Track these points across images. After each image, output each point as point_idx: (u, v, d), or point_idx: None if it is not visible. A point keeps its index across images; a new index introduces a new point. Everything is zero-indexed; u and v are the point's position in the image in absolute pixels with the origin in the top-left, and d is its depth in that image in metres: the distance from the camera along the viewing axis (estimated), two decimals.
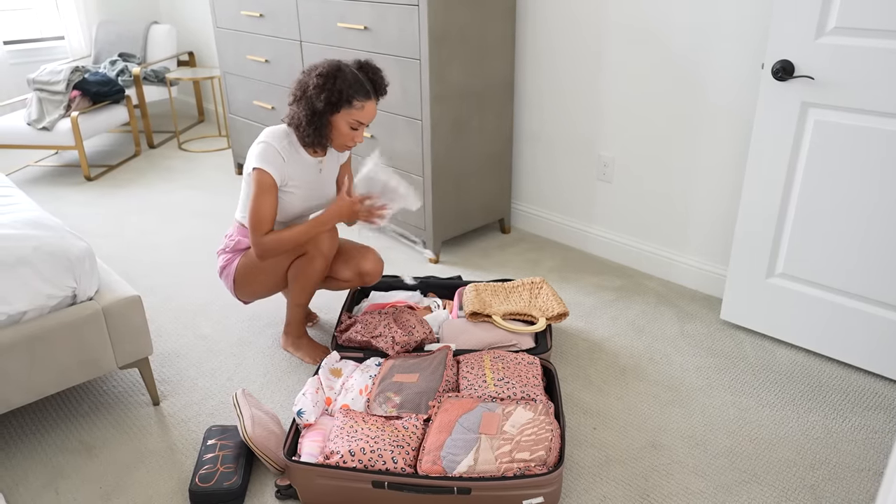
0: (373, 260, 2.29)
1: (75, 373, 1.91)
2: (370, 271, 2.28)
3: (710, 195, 2.62)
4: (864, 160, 2.02)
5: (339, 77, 1.99)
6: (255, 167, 2.06)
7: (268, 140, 2.09)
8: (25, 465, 1.90)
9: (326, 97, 2.00)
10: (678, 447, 1.93)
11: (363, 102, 2.04)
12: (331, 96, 1.99)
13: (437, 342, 2.26)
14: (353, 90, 2.01)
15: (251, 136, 3.95)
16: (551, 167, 3.15)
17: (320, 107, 2.02)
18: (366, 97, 2.04)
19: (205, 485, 1.72)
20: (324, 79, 1.99)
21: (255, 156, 2.07)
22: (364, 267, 2.27)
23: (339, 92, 1.99)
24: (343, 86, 1.99)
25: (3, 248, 1.76)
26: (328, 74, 2.00)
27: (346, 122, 2.06)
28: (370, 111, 2.07)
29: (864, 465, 1.85)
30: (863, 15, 1.91)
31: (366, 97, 2.04)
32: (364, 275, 2.28)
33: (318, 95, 2.00)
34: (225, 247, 2.28)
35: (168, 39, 4.96)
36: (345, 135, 2.08)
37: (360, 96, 2.03)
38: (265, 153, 2.07)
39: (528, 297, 2.39)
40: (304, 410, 1.85)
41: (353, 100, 2.02)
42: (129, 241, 3.31)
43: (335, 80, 1.99)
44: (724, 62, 2.43)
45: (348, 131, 2.08)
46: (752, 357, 2.33)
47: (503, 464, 1.65)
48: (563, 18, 2.86)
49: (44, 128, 4.01)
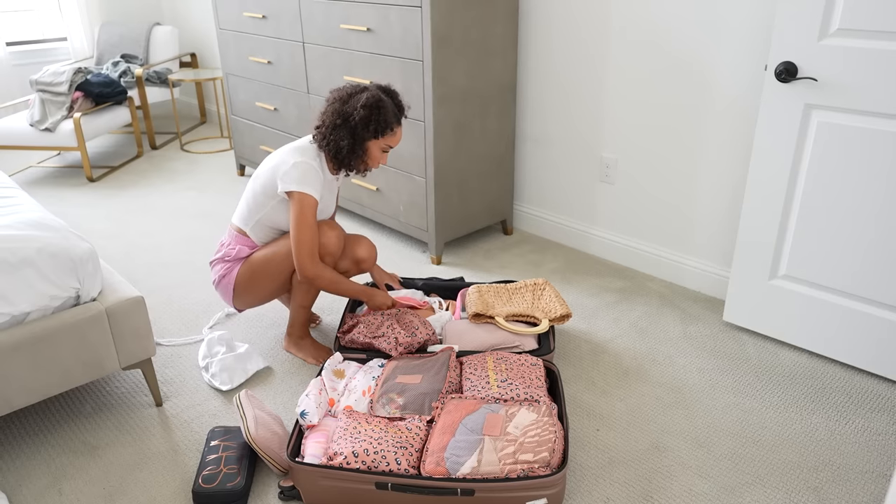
0: (366, 246, 2.34)
1: (78, 373, 1.91)
2: (365, 257, 2.34)
3: (713, 197, 2.62)
4: (868, 162, 2.02)
5: (382, 108, 2.09)
6: (297, 190, 2.07)
7: (305, 159, 2.11)
8: (29, 465, 1.90)
9: (374, 128, 2.09)
10: (681, 449, 1.92)
11: (397, 128, 2.15)
12: (377, 127, 2.09)
13: (440, 343, 2.26)
14: (393, 118, 2.11)
15: (253, 138, 3.95)
16: (554, 169, 3.15)
17: (367, 136, 2.10)
18: (398, 123, 2.15)
19: (208, 486, 1.72)
20: (369, 110, 2.07)
21: (295, 178, 2.07)
22: (359, 254, 2.32)
23: (384, 122, 2.10)
24: (387, 116, 2.10)
25: (6, 248, 1.76)
26: (373, 106, 2.08)
27: (380, 147, 2.16)
28: (399, 135, 2.19)
29: (867, 468, 1.84)
30: (866, 16, 1.91)
31: (398, 123, 2.15)
32: (360, 262, 2.34)
33: (364, 126, 2.08)
34: (224, 256, 2.26)
35: (170, 41, 4.96)
36: (376, 158, 2.18)
37: (396, 123, 2.14)
38: (308, 175, 2.09)
39: (531, 298, 2.39)
40: (307, 411, 1.85)
41: (394, 126, 2.13)
42: (132, 242, 3.31)
43: (380, 112, 2.08)
44: (727, 64, 2.43)
45: (379, 154, 2.18)
46: (756, 359, 2.33)
47: (507, 465, 1.65)
48: (565, 20, 2.87)
49: (46, 129, 4.01)
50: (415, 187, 2.97)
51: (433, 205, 2.92)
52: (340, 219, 3.56)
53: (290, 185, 2.07)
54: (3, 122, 4.10)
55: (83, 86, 4.14)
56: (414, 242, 3.26)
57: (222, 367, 2.22)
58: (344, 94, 2.13)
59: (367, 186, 3.19)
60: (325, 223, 2.18)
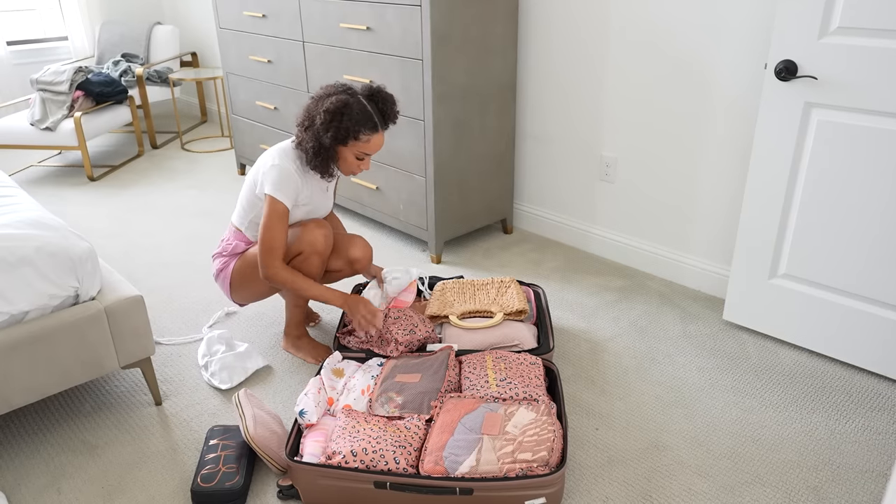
0: (361, 246, 2.31)
1: (77, 372, 1.91)
2: (360, 257, 2.30)
3: (713, 195, 2.62)
4: (868, 160, 2.02)
5: (345, 114, 1.99)
6: (271, 195, 2.06)
7: (283, 163, 2.08)
8: (28, 464, 1.90)
9: (333, 134, 2.01)
10: (681, 448, 1.92)
11: (370, 136, 2.05)
12: (337, 133, 2.01)
13: (439, 342, 2.26)
14: (359, 125, 2.01)
15: (254, 137, 3.95)
16: (554, 167, 3.15)
17: (327, 142, 2.03)
18: (372, 130, 2.04)
19: (207, 485, 1.72)
20: (331, 115, 1.99)
21: (270, 181, 2.07)
22: (353, 254, 2.29)
23: (345, 129, 2.01)
24: (349, 123, 2.00)
25: (5, 247, 1.76)
26: (335, 111, 1.99)
27: (353, 154, 2.08)
28: (376, 143, 2.08)
29: (867, 467, 1.84)
30: (866, 15, 1.90)
31: (372, 130, 2.04)
32: (354, 262, 2.31)
33: (324, 131, 2.01)
34: (222, 250, 2.27)
35: (171, 40, 4.96)
36: (351, 164, 2.10)
37: (367, 130, 2.03)
38: (281, 179, 2.06)
39: (494, 294, 2.40)
40: (306, 410, 1.85)
41: (360, 134, 2.03)
42: (132, 241, 3.31)
43: (342, 118, 1.99)
44: (726, 62, 2.43)
45: (354, 161, 2.10)
46: (755, 358, 2.32)
47: (505, 464, 1.64)
48: (565, 18, 2.86)
49: (47, 128, 4.02)
50: (414, 186, 2.97)
51: (433, 204, 2.92)
52: (340, 218, 3.55)
53: (265, 188, 2.08)
54: (4, 122, 4.11)
55: (84, 85, 4.14)
56: (414, 241, 3.25)
57: (222, 365, 2.22)
58: (321, 93, 2.07)
59: (367, 185, 3.19)
60: (314, 221, 2.17)
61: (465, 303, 2.36)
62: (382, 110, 2.07)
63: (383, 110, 2.07)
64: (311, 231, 2.14)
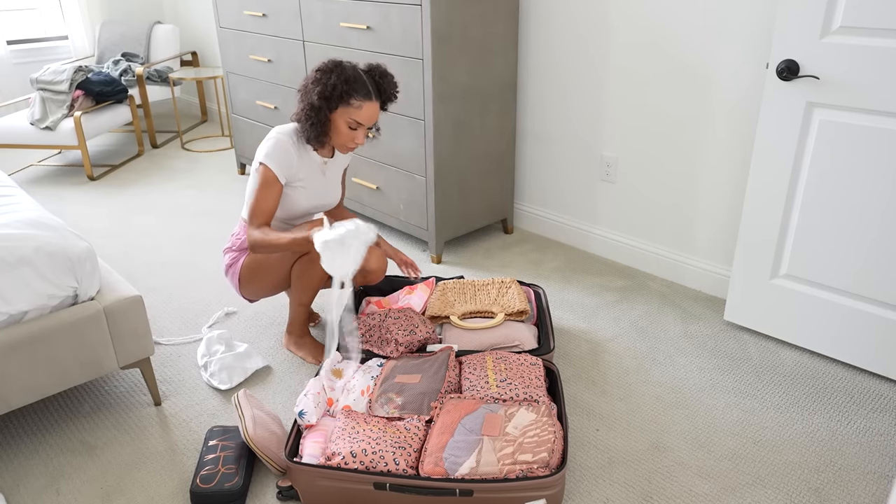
0: (376, 258, 2.26)
1: (76, 373, 1.90)
2: (374, 269, 2.26)
3: (714, 196, 2.61)
4: (870, 160, 2.01)
5: (335, 72, 1.99)
6: (262, 162, 2.07)
7: (278, 136, 2.09)
8: (27, 465, 1.89)
9: (320, 91, 1.99)
10: (682, 449, 1.91)
11: (361, 102, 2.02)
12: (324, 90, 1.99)
13: (439, 343, 2.25)
14: (348, 87, 1.99)
15: (254, 136, 3.94)
16: (554, 167, 3.14)
17: (316, 101, 2.00)
18: (364, 97, 2.02)
19: (206, 486, 1.71)
20: (321, 73, 2.00)
21: (263, 151, 2.08)
22: (368, 265, 2.24)
23: (332, 87, 1.98)
24: (338, 81, 1.98)
25: (4, 247, 1.75)
26: (325, 69, 2.00)
27: (345, 121, 2.04)
28: (368, 112, 2.04)
29: (869, 468, 1.83)
30: (868, 14, 1.89)
31: (364, 97, 2.02)
32: (367, 273, 2.26)
33: (314, 89, 2.01)
34: (231, 245, 2.27)
35: (171, 39, 4.96)
36: (344, 134, 2.07)
37: (358, 95, 2.01)
38: (275, 149, 2.07)
39: (494, 294, 2.39)
40: (305, 411, 1.84)
41: (350, 98, 2.00)
42: (132, 241, 3.31)
43: (331, 75, 1.99)
44: (728, 62, 2.42)
45: (347, 131, 2.06)
46: (756, 358, 2.32)
47: (505, 465, 1.64)
48: (566, 18, 2.85)
49: (47, 127, 4.01)
50: (415, 186, 2.97)
51: (433, 203, 2.91)
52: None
53: (258, 156, 2.08)
54: (4, 121, 4.10)
55: (84, 84, 4.14)
56: (414, 241, 3.25)
57: (221, 366, 2.21)
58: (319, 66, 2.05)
59: (368, 185, 3.19)
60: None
61: (465, 303, 2.36)
62: (378, 83, 2.05)
63: (379, 83, 2.05)
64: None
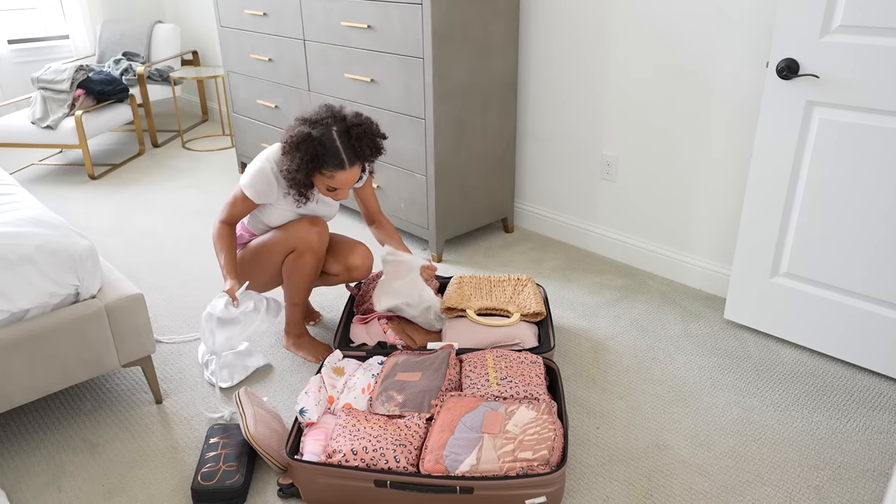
0: (361, 254, 2.29)
1: (78, 371, 1.91)
2: (359, 265, 2.29)
3: (714, 194, 2.61)
4: (870, 159, 2.01)
5: (303, 147, 1.97)
6: (241, 185, 2.12)
7: (264, 164, 2.09)
8: (28, 462, 1.90)
9: (289, 167, 2.01)
10: (682, 447, 1.92)
11: (332, 172, 2.02)
12: (294, 166, 2.00)
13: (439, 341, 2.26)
14: (319, 161, 2.00)
15: (255, 135, 3.95)
16: (555, 166, 3.14)
17: (294, 170, 2.01)
18: (336, 167, 2.01)
19: (207, 483, 1.72)
20: (290, 147, 2.00)
21: (246, 175, 2.12)
22: (352, 261, 2.28)
23: (305, 162, 1.99)
24: (305, 156, 1.98)
25: (5, 245, 1.76)
26: (293, 145, 1.99)
27: (323, 184, 2.07)
28: (343, 179, 2.04)
29: (868, 466, 1.84)
30: (868, 13, 1.90)
31: (336, 167, 2.01)
32: (352, 269, 2.29)
33: (290, 161, 2.01)
34: None
35: (172, 38, 4.96)
36: (325, 193, 2.10)
37: (329, 167, 2.01)
38: (257, 178, 2.09)
39: (510, 292, 2.40)
40: (306, 409, 1.84)
41: (322, 169, 2.02)
42: (133, 239, 3.31)
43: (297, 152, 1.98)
44: (728, 61, 2.42)
45: (326, 191, 2.10)
46: (756, 357, 2.32)
47: (506, 463, 1.64)
48: (566, 17, 2.86)
49: (48, 126, 4.02)
50: (415, 185, 2.97)
51: (434, 202, 2.92)
52: (345, 217, 3.55)
53: (244, 176, 2.13)
54: (5, 120, 4.11)
55: (85, 83, 4.14)
56: (415, 240, 3.25)
57: (222, 364, 2.22)
58: (302, 117, 2.06)
59: None
60: (307, 219, 2.17)
61: (481, 298, 2.36)
62: (354, 146, 2.03)
63: (355, 146, 2.03)
64: (305, 228, 2.14)
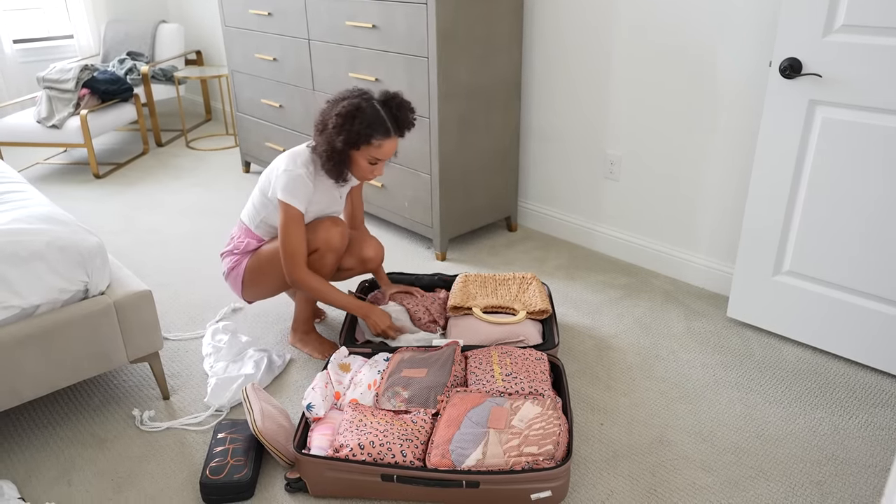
0: (373, 246, 2.35)
1: (87, 366, 1.93)
2: (372, 257, 2.34)
3: (718, 193, 2.63)
4: (872, 158, 2.03)
5: (357, 117, 1.99)
6: (282, 200, 2.07)
7: (294, 168, 2.07)
8: (38, 457, 1.91)
9: (345, 138, 2.01)
10: (685, 443, 1.93)
11: (381, 141, 2.03)
12: (349, 137, 2.00)
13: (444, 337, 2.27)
14: (371, 129, 2.00)
15: (259, 135, 3.97)
16: (558, 165, 3.16)
17: (339, 146, 2.02)
18: (384, 135, 2.03)
19: (215, 477, 1.73)
20: (342, 119, 1.99)
21: (281, 186, 2.07)
22: (366, 253, 2.33)
23: (356, 133, 1.99)
24: (360, 127, 1.99)
25: (16, 242, 1.78)
26: (347, 115, 1.99)
27: (365, 158, 2.07)
28: (388, 149, 2.07)
29: (870, 462, 1.85)
30: (871, 13, 1.91)
31: (384, 135, 2.03)
32: (366, 261, 2.34)
33: (336, 135, 2.01)
34: (233, 248, 2.28)
35: (176, 38, 4.98)
36: (364, 169, 2.09)
37: (379, 135, 2.02)
38: (293, 185, 2.06)
39: (515, 290, 2.41)
40: (313, 404, 1.86)
41: (371, 139, 2.02)
42: (138, 237, 3.33)
43: (353, 121, 1.99)
44: (731, 60, 2.44)
45: (367, 166, 2.09)
46: (759, 354, 2.33)
47: (511, 458, 1.66)
48: (570, 16, 2.87)
49: (53, 126, 4.04)
50: (420, 183, 2.99)
51: (438, 201, 2.93)
52: None
53: (277, 193, 2.08)
54: (11, 119, 4.13)
55: (90, 83, 4.17)
56: (419, 239, 3.27)
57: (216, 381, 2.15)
58: (336, 97, 2.07)
59: (373, 183, 3.20)
60: (329, 219, 2.19)
61: (487, 296, 2.38)
62: (396, 116, 2.05)
63: (397, 116, 2.06)
64: (327, 229, 2.15)
